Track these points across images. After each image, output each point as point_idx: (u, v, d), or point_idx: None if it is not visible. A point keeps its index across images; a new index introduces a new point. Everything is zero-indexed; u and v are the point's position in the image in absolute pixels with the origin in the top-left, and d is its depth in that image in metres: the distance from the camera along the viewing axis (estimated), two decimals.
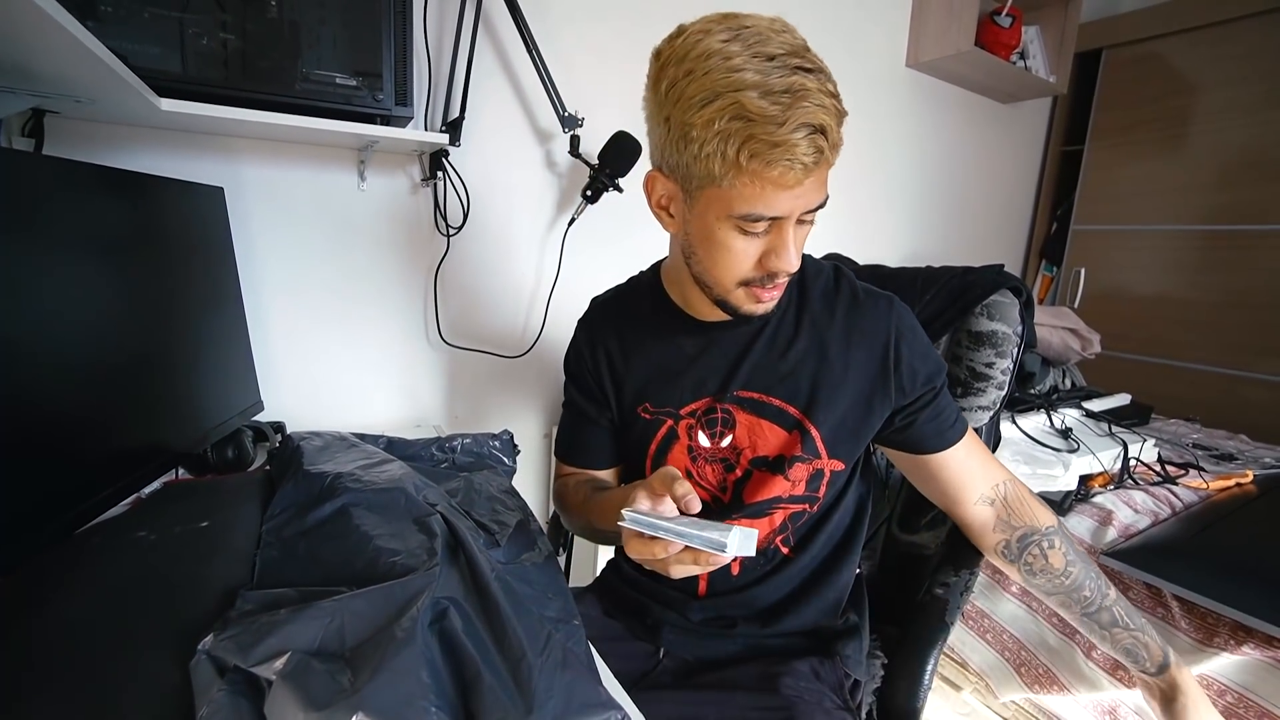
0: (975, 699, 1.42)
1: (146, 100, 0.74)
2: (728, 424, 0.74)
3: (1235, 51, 2.16)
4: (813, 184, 0.58)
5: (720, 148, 0.55)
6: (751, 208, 0.58)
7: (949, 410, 0.74)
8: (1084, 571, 0.73)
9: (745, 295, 0.65)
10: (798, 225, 0.61)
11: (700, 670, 0.76)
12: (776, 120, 0.52)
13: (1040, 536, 0.73)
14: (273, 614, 0.48)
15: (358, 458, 0.82)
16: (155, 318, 0.78)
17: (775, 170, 0.54)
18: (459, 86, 1.16)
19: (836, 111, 0.55)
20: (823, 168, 0.57)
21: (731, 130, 0.54)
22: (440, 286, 1.28)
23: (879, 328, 0.71)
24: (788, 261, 0.61)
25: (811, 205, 0.60)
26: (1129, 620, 0.73)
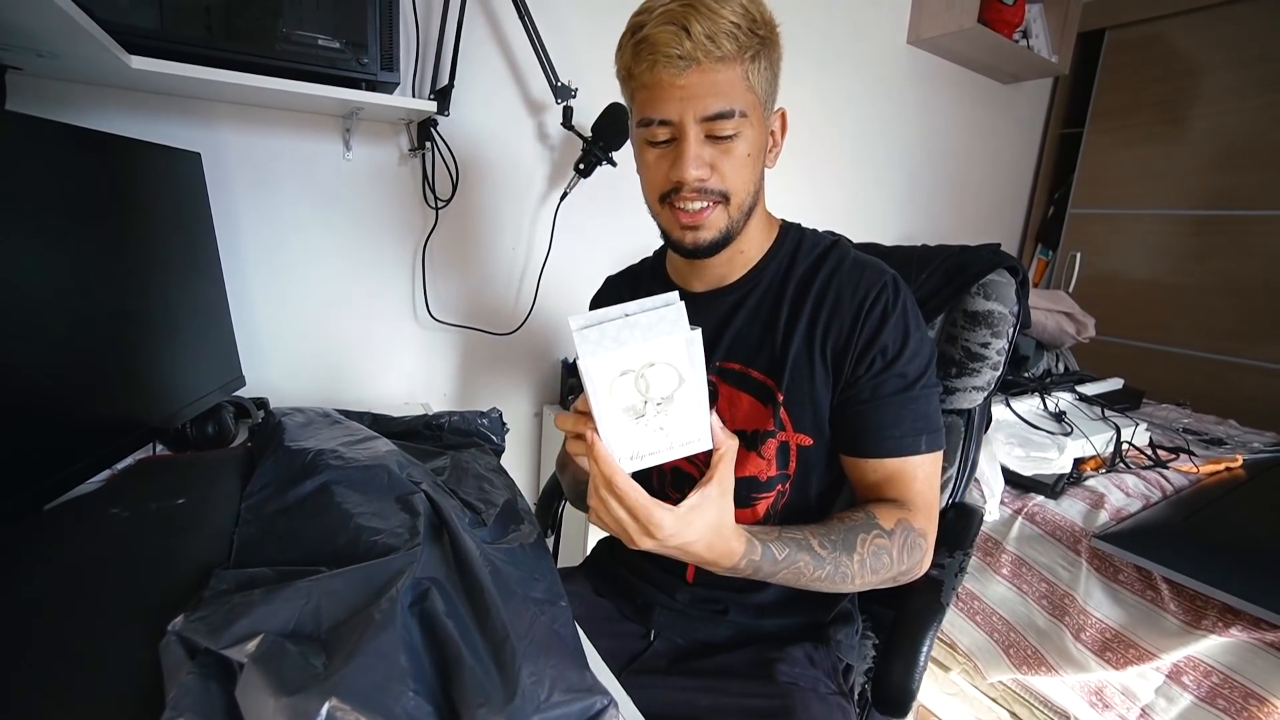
0: (963, 679, 1.43)
1: (115, 57, 0.71)
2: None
3: (1238, 34, 2.13)
4: (699, 84, 0.59)
5: (623, 66, 0.62)
6: (643, 111, 0.62)
7: (902, 420, 0.66)
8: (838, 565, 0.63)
9: (671, 219, 0.67)
10: (710, 141, 0.62)
11: (692, 655, 0.75)
12: (646, 21, 0.58)
13: (878, 531, 0.64)
14: (247, 594, 0.46)
15: (341, 434, 0.80)
16: (128, 287, 0.75)
17: (645, 66, 0.59)
18: (448, 53, 1.12)
19: (713, 16, 0.57)
20: (703, 67, 0.58)
21: (625, 45, 0.61)
22: (428, 261, 1.25)
23: (855, 296, 0.67)
24: (683, 169, 0.61)
25: (707, 110, 0.60)
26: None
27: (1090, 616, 1.19)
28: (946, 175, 2.26)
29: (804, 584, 0.61)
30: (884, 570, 0.63)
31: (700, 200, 0.64)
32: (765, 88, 0.63)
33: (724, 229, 0.66)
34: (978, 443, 0.92)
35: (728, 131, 0.61)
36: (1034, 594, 1.30)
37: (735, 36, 0.58)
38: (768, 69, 0.63)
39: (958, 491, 0.90)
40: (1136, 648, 1.11)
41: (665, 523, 0.51)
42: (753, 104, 0.62)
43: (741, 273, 0.73)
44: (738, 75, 0.60)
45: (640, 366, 0.47)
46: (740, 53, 0.59)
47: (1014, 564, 1.34)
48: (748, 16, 0.59)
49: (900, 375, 0.66)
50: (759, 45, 0.60)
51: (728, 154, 0.62)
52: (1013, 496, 1.39)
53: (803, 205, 1.86)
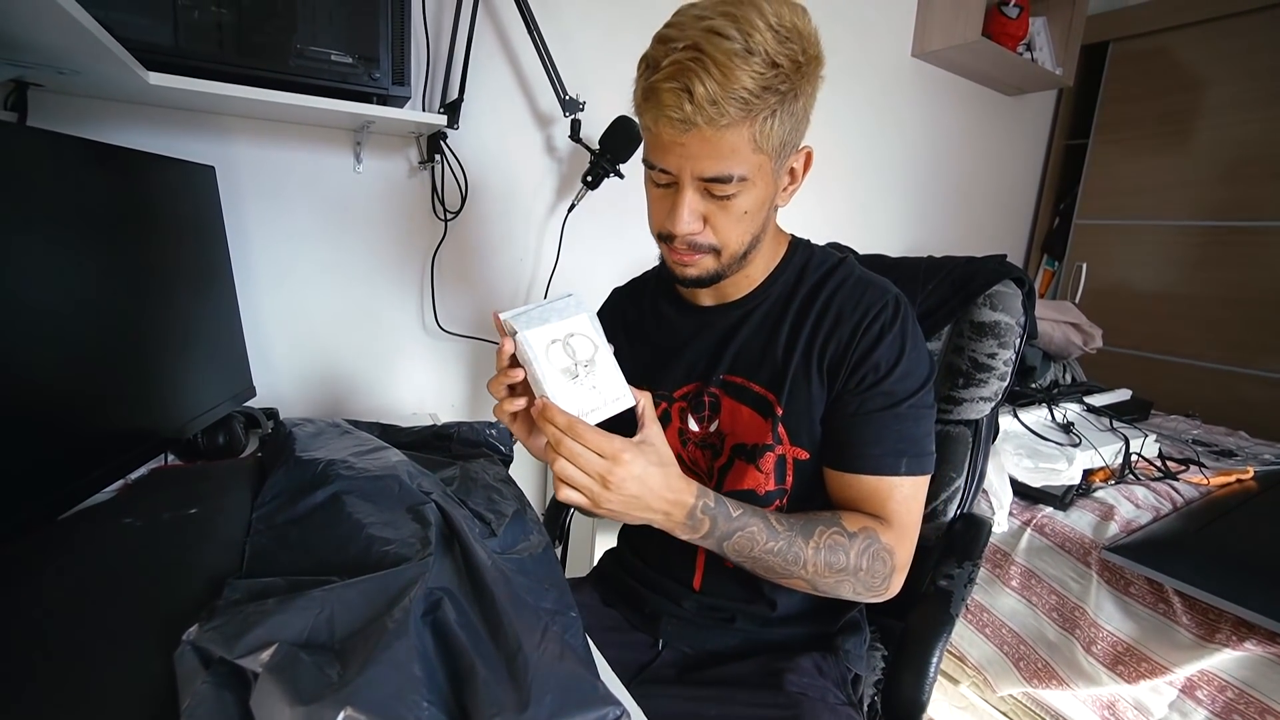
0: (973, 693, 1.42)
1: (134, 74, 0.72)
2: (714, 409, 0.73)
3: (1242, 46, 2.13)
4: (701, 148, 0.57)
5: (636, 100, 0.60)
6: (650, 152, 0.62)
7: (884, 439, 0.65)
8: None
9: (666, 253, 0.68)
10: (707, 197, 0.61)
11: (700, 664, 0.75)
12: (657, 67, 0.55)
13: (840, 531, 0.64)
14: (260, 604, 0.46)
15: (351, 445, 0.80)
16: (142, 298, 0.76)
17: (650, 118, 0.58)
18: (458, 67, 1.14)
19: (724, 79, 0.52)
20: (703, 132, 0.55)
21: (640, 76, 0.59)
22: (437, 272, 1.26)
23: (855, 312, 0.67)
24: (674, 221, 0.61)
25: (705, 172, 0.58)
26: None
27: (1101, 629, 1.18)
28: (952, 186, 2.26)
29: (757, 555, 0.62)
30: (838, 566, 0.62)
31: (690, 252, 0.65)
32: (782, 139, 0.59)
33: (713, 272, 0.67)
34: (985, 453, 0.92)
35: (725, 193, 0.60)
36: (1044, 606, 1.28)
37: (745, 101, 0.53)
38: (788, 118, 0.58)
39: (966, 502, 0.90)
40: (1149, 661, 1.10)
41: (627, 449, 0.56)
42: (758, 164, 0.59)
43: (747, 290, 0.73)
44: (743, 139, 0.56)
45: (564, 336, 0.58)
46: (749, 115, 0.55)
47: (1023, 576, 1.33)
48: (769, 72, 0.53)
49: (887, 393, 0.65)
50: (777, 102, 0.55)
51: (724, 210, 0.61)
52: (1021, 508, 1.38)
53: (810, 216, 1.87)
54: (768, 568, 0.63)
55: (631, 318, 0.82)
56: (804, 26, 0.56)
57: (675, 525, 0.60)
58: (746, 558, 0.62)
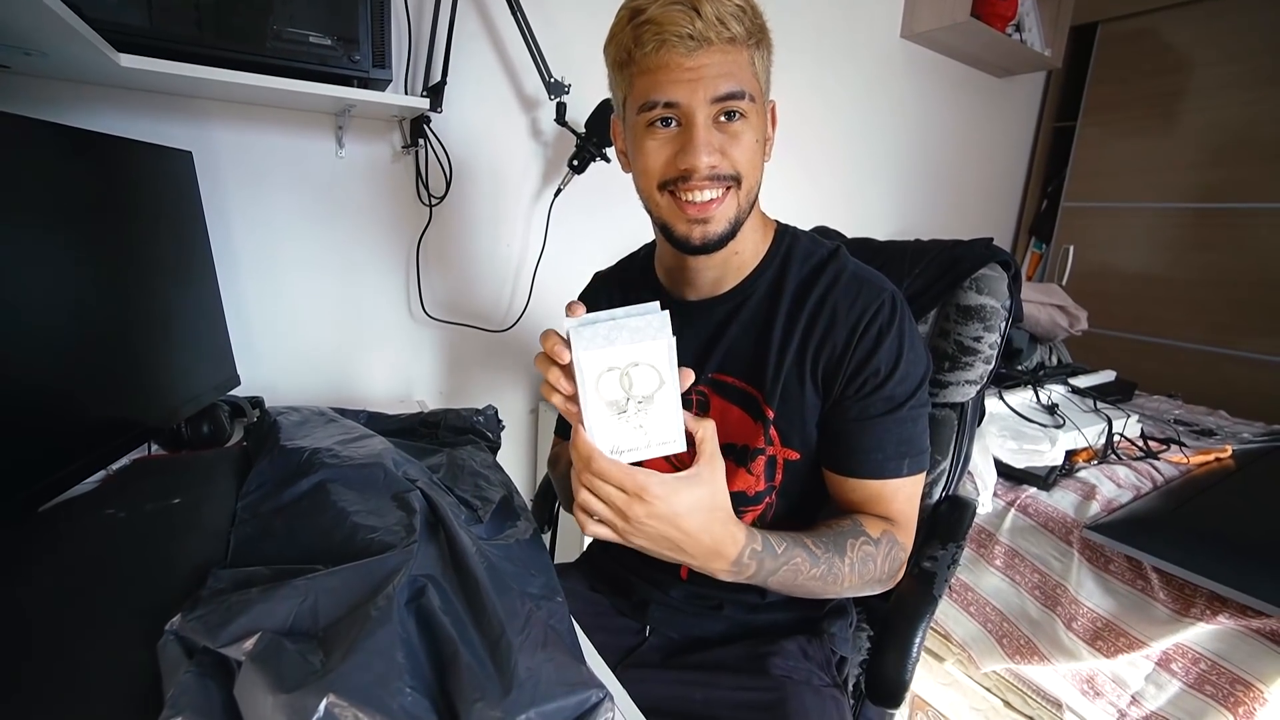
0: (958, 669, 1.45)
1: (104, 55, 0.70)
2: (702, 407, 0.72)
3: (1229, 27, 2.13)
4: (711, 65, 0.57)
5: (621, 49, 0.60)
6: (646, 95, 0.59)
7: (886, 443, 0.65)
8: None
9: (673, 210, 0.63)
10: (718, 125, 0.60)
11: (687, 649, 0.76)
12: (647, 5, 0.56)
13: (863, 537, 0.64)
14: (244, 593, 0.47)
15: (336, 433, 0.80)
16: (121, 287, 0.75)
17: (650, 48, 0.57)
18: (440, 49, 1.11)
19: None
20: (715, 48, 0.57)
21: (622, 30, 0.59)
22: (423, 258, 1.25)
23: (851, 313, 0.65)
24: (693, 155, 0.58)
25: (718, 91, 0.58)
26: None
27: (1082, 606, 1.20)
28: (941, 168, 2.26)
29: (799, 583, 0.61)
30: (869, 576, 0.63)
31: (711, 189, 0.61)
32: (765, 78, 0.63)
33: (734, 218, 0.63)
34: (970, 436, 0.93)
35: (739, 111, 0.59)
36: (1027, 585, 1.31)
37: (742, 20, 0.57)
38: (766, 59, 0.63)
39: (951, 484, 0.91)
40: (1127, 636, 1.13)
41: (652, 485, 0.50)
42: (758, 91, 0.61)
43: (735, 280, 0.71)
44: (745, 59, 0.59)
45: (625, 365, 0.50)
46: (747, 37, 0.59)
47: (1007, 555, 1.35)
48: (750, 3, 0.59)
49: (888, 397, 0.65)
50: (760, 33, 0.61)
51: (737, 139, 0.60)
52: (1006, 489, 1.40)
53: (799, 200, 1.87)
54: (808, 591, 0.62)
55: (616, 306, 0.81)
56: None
57: (716, 572, 0.57)
58: (789, 587, 0.61)
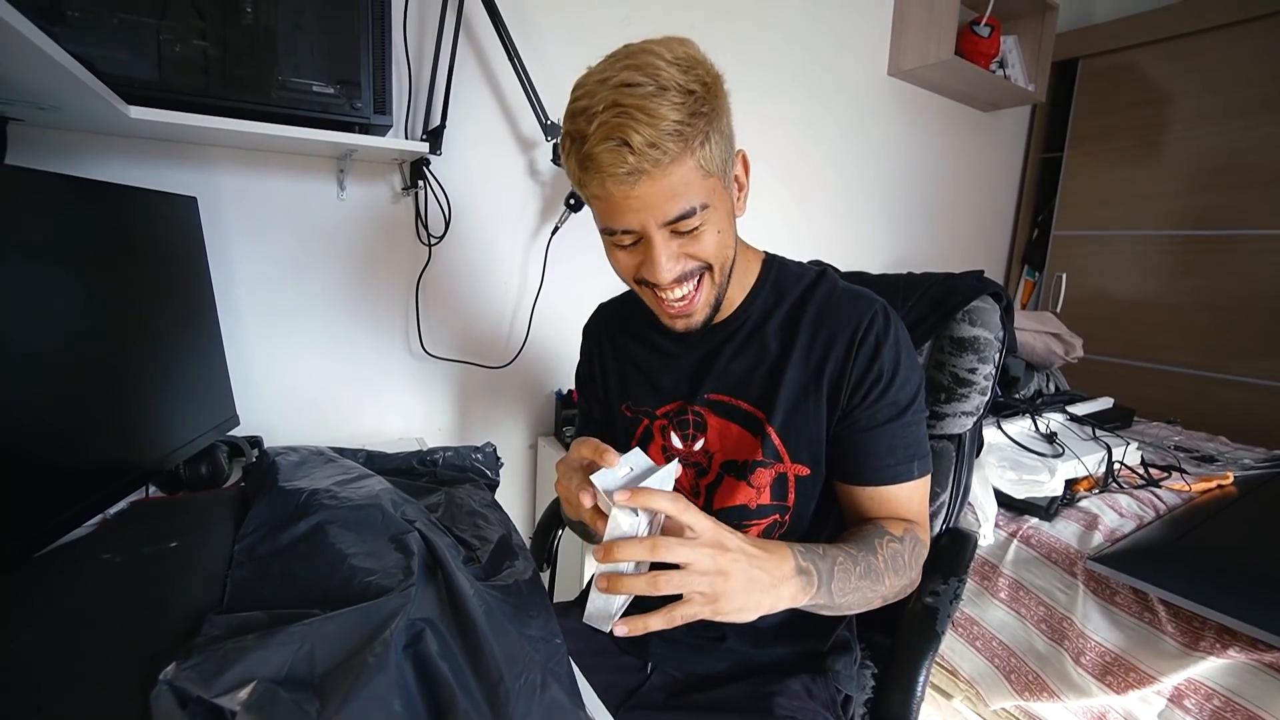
0: (966, 707, 1.41)
1: (114, 108, 0.73)
2: (699, 427, 0.74)
3: (1206, 62, 2.20)
4: (656, 193, 0.56)
5: (570, 173, 0.59)
6: (604, 222, 0.61)
7: (896, 448, 0.67)
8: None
9: (654, 301, 0.67)
10: (676, 236, 0.60)
11: (690, 688, 0.75)
12: (585, 137, 0.55)
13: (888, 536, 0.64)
14: (240, 640, 0.46)
15: (335, 473, 0.80)
16: (123, 330, 0.76)
17: (596, 184, 0.57)
18: (440, 94, 1.15)
19: (652, 119, 0.53)
20: (654, 175, 0.55)
21: (569, 154, 0.58)
22: (422, 296, 1.26)
23: (849, 325, 0.67)
24: (654, 273, 0.60)
25: (668, 216, 0.57)
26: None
27: (1089, 640, 1.18)
28: (932, 201, 2.31)
29: (851, 587, 0.59)
30: (902, 573, 0.64)
31: (682, 287, 0.63)
32: (721, 157, 0.59)
33: (714, 300, 0.66)
34: (969, 467, 0.93)
35: (693, 227, 0.59)
36: (1032, 618, 1.29)
37: (680, 133, 0.54)
38: (719, 137, 0.58)
39: (951, 517, 0.91)
40: (1137, 671, 1.11)
41: (714, 524, 0.51)
42: (711, 187, 0.59)
43: (728, 311, 0.73)
44: (689, 169, 0.56)
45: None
46: (687, 146, 0.55)
47: (1011, 588, 1.33)
48: (688, 100, 0.54)
49: (893, 403, 0.67)
50: (706, 125, 0.56)
51: (698, 239, 0.61)
52: (1007, 519, 1.39)
53: (792, 234, 1.90)
54: (859, 597, 0.60)
55: (619, 336, 0.82)
56: (698, 54, 0.58)
57: (793, 593, 0.54)
58: (845, 595, 0.59)
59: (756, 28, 1.64)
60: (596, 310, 0.89)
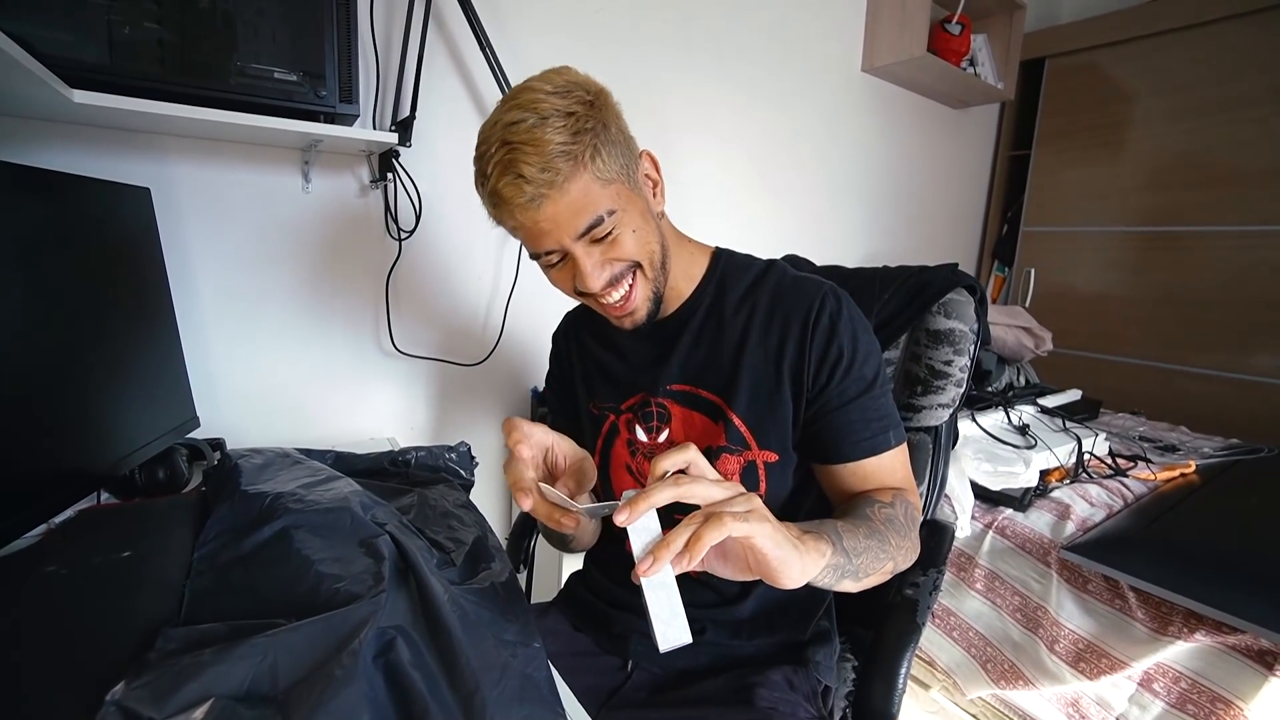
0: (944, 697, 1.43)
1: (56, 92, 0.68)
2: (663, 418, 0.74)
3: (1163, 63, 2.27)
4: (561, 212, 0.59)
5: (488, 211, 0.63)
6: (530, 248, 0.65)
7: (869, 421, 0.68)
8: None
9: (599, 307, 0.69)
10: (594, 244, 0.63)
11: (671, 685, 0.74)
12: (486, 177, 0.59)
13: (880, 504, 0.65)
14: (196, 655, 0.43)
15: (301, 475, 0.77)
16: (69, 327, 0.71)
17: (508, 216, 0.61)
18: (409, 85, 1.12)
19: (538, 148, 0.56)
20: (553, 197, 0.58)
21: (482, 195, 0.62)
22: (393, 292, 1.23)
23: (801, 310, 0.69)
24: (584, 283, 0.64)
25: (578, 229, 0.60)
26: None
27: (1063, 628, 1.20)
28: (905, 197, 2.33)
29: (863, 549, 0.58)
30: (903, 533, 0.64)
31: (618, 289, 0.66)
32: (620, 163, 0.62)
33: (652, 294, 0.68)
34: (946, 459, 0.93)
35: (606, 232, 0.62)
36: (1008, 608, 1.31)
37: (567, 153, 0.57)
38: (611, 146, 0.61)
39: (929, 509, 0.91)
40: (1109, 657, 1.13)
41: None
42: (615, 192, 0.61)
43: (677, 304, 0.75)
44: (587, 182, 0.59)
45: None
46: (578, 162, 0.58)
47: (987, 578, 1.35)
48: (569, 122, 0.57)
49: (860, 377, 0.68)
50: (593, 139, 0.59)
51: (617, 242, 0.63)
52: (983, 511, 1.41)
53: (768, 228, 1.90)
54: (872, 560, 0.59)
55: (585, 339, 0.83)
56: (575, 77, 0.62)
57: (816, 545, 0.52)
58: (861, 551, 0.57)
59: (731, 21, 1.63)
60: (565, 318, 0.90)
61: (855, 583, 0.59)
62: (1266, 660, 0.98)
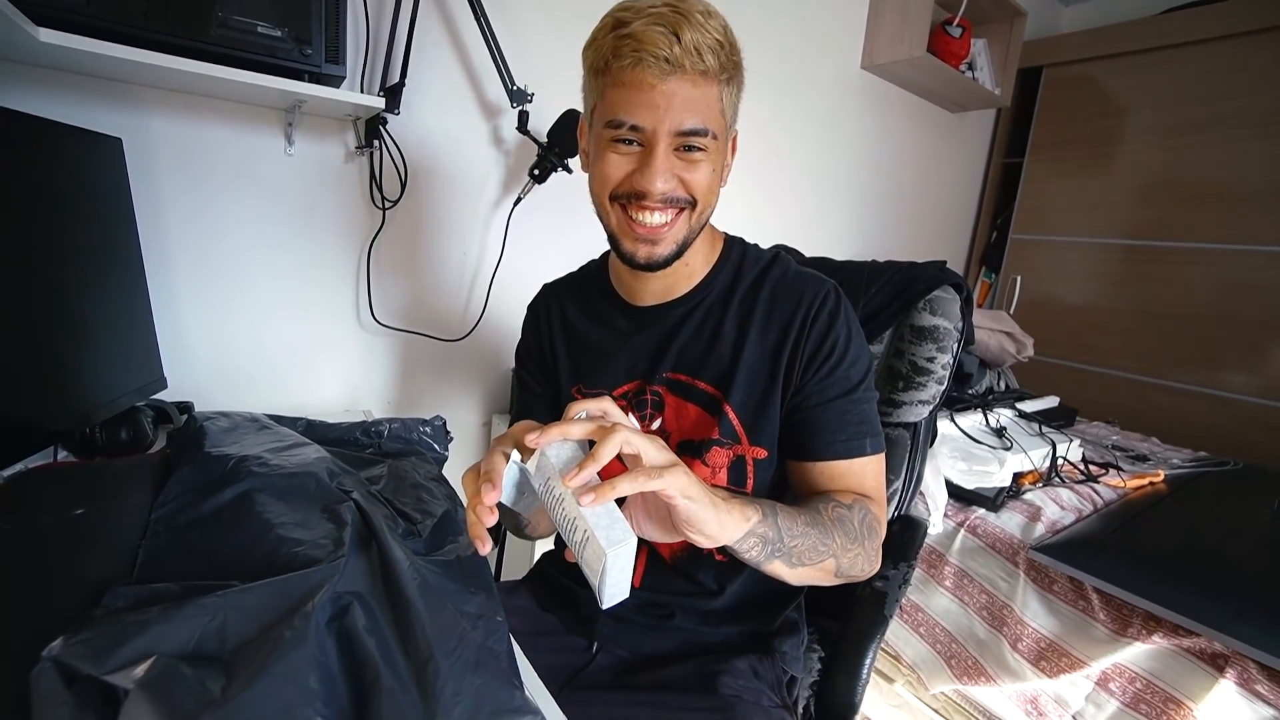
0: (907, 691, 1.45)
1: (19, 28, 0.65)
2: (657, 406, 0.72)
3: (1157, 79, 2.29)
4: (679, 95, 0.57)
5: (599, 56, 0.59)
6: (615, 112, 0.60)
7: (847, 424, 0.66)
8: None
9: (623, 224, 0.64)
10: (678, 154, 0.61)
11: (636, 668, 0.73)
12: (630, 20, 0.56)
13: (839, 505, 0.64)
14: (143, 613, 0.42)
15: (269, 440, 0.75)
16: (30, 275, 0.69)
17: (628, 63, 0.56)
18: (400, 50, 1.09)
19: (705, 28, 0.56)
20: (686, 77, 0.57)
21: (603, 38, 0.58)
22: (374, 262, 1.20)
23: (800, 306, 0.68)
24: (648, 178, 0.60)
25: (681, 125, 0.58)
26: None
27: (1027, 626, 1.22)
28: (898, 196, 2.33)
29: (799, 533, 0.57)
30: (853, 537, 0.61)
31: (663, 213, 0.62)
32: (732, 113, 0.63)
33: (683, 240, 0.65)
34: (923, 456, 0.93)
35: (700, 146, 0.60)
36: (975, 605, 1.33)
37: (718, 54, 0.58)
38: (737, 92, 0.63)
39: (903, 504, 0.91)
40: (1069, 656, 1.15)
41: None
42: (721, 127, 0.62)
43: (687, 288, 0.72)
44: (714, 95, 0.60)
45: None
46: (720, 72, 0.59)
47: (956, 576, 1.37)
48: (728, 39, 0.59)
49: (844, 379, 0.67)
50: (733, 69, 0.61)
51: (694, 166, 0.61)
52: (955, 509, 1.42)
53: (761, 220, 1.89)
54: (808, 546, 0.58)
55: (570, 315, 0.80)
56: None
57: (741, 510, 0.53)
58: (796, 536, 0.57)
59: (732, 13, 1.61)
60: (543, 289, 0.85)
61: (789, 568, 0.58)
62: (1218, 663, 1.01)
